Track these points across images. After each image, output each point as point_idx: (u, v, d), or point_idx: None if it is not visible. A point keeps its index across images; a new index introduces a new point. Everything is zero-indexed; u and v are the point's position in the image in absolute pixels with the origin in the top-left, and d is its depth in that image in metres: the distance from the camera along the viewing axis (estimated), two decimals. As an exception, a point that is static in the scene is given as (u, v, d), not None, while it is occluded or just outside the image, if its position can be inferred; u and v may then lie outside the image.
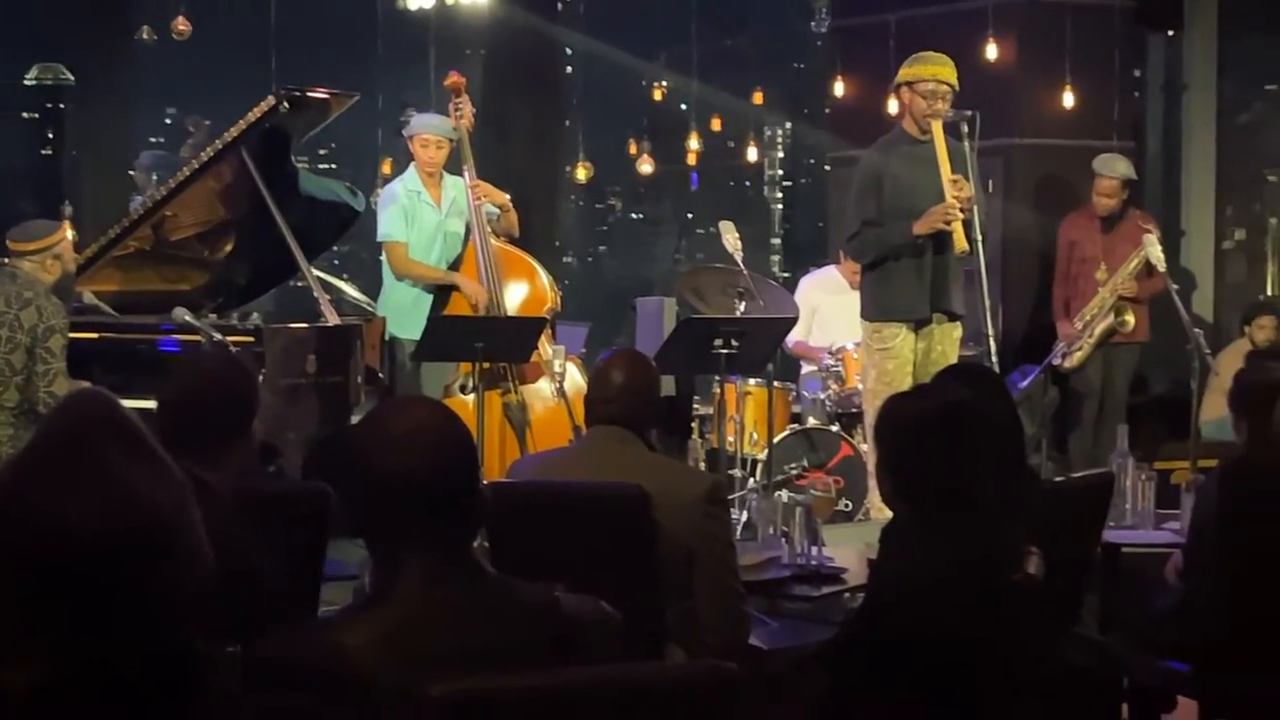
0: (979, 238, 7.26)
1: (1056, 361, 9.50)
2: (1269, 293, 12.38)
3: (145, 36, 12.03)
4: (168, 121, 19.80)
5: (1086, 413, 9.69)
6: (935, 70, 7.48)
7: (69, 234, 7.23)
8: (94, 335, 7.30)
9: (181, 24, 11.31)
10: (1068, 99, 10.25)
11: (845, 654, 3.70)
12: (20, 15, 16.05)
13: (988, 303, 7.26)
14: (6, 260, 6.93)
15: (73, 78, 15.33)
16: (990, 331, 7.32)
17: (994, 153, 9.39)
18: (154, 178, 10.83)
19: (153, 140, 16.08)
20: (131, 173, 12.00)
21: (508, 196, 8.46)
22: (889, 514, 3.88)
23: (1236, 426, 5.26)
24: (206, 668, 2.00)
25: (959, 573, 3.51)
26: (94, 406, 1.85)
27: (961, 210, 7.23)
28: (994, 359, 7.29)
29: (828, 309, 9.30)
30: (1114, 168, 9.61)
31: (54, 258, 6.90)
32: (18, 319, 6.71)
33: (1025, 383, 9.23)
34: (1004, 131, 9.81)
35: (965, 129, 7.44)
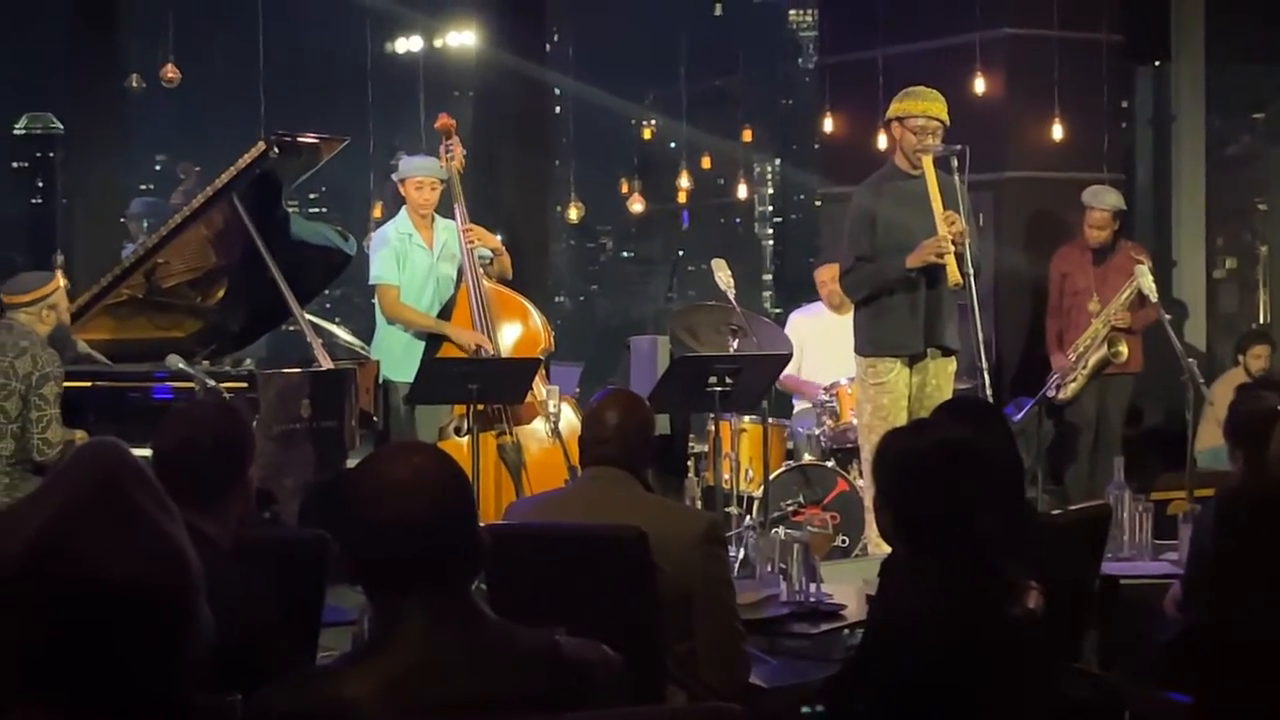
0: (971, 271, 7.26)
1: (1051, 394, 9.50)
2: (1261, 320, 12.42)
3: (134, 84, 12.06)
4: (158, 168, 19.86)
5: (1082, 445, 9.68)
6: (926, 106, 7.50)
7: (62, 283, 7.25)
8: (87, 384, 7.29)
9: (170, 71, 11.33)
10: (1056, 132, 10.27)
11: (846, 691, 3.70)
12: (9, 65, 16.10)
13: (981, 336, 7.25)
14: (3, 313, 6.95)
15: (62, 126, 15.34)
16: (984, 365, 7.32)
17: (984, 187, 9.40)
18: (145, 225, 10.83)
19: (143, 187, 16.12)
20: (123, 220, 12.01)
21: (500, 239, 8.47)
22: (886, 549, 3.88)
23: (1232, 456, 5.26)
24: (208, 718, 1.99)
25: (959, 608, 3.51)
26: (119, 457, 1.84)
27: (954, 244, 7.24)
28: (988, 392, 7.30)
29: (817, 343, 9.28)
30: (1103, 199, 9.63)
31: (49, 308, 6.94)
32: (12, 367, 6.74)
33: (1020, 415, 9.23)
34: (994, 165, 9.83)
35: (955, 163, 7.44)
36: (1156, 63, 11.83)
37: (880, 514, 3.75)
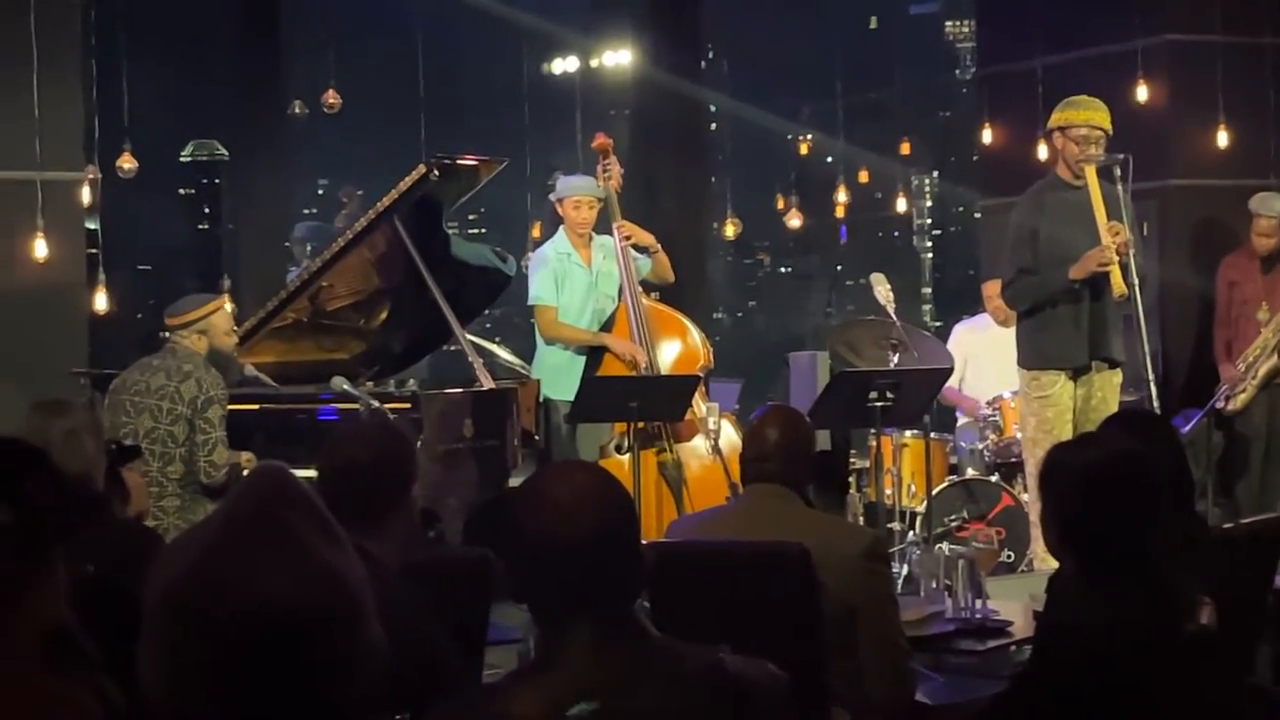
0: (1136, 282, 7.16)
1: (1220, 405, 9.33)
2: None
3: (297, 110, 12.29)
4: (321, 193, 20.19)
5: (1253, 456, 9.49)
6: (1088, 115, 7.41)
7: (226, 307, 7.34)
8: (254, 406, 7.41)
9: (332, 97, 11.52)
10: (1222, 138, 10.11)
11: (1016, 709, 3.64)
12: (175, 94, 16.46)
13: (1147, 347, 7.15)
14: (169, 336, 7.07)
15: (227, 153, 15.65)
16: (1150, 376, 7.21)
17: (1148, 195, 9.26)
18: (309, 249, 11.00)
19: (307, 212, 16.39)
20: (287, 245, 12.21)
21: (654, 238, 8.48)
22: (1053, 565, 3.82)
23: None
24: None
25: (1129, 624, 3.45)
26: (282, 482, 1.86)
27: (1118, 254, 7.15)
28: (1155, 404, 7.18)
29: (980, 356, 9.22)
30: (1271, 206, 9.45)
31: (199, 333, 6.99)
32: (178, 391, 6.85)
33: (1188, 427, 9.07)
34: (1158, 173, 9.69)
35: (1118, 172, 7.35)
36: (1324, 66, 11.60)
37: (1047, 529, 3.70)
